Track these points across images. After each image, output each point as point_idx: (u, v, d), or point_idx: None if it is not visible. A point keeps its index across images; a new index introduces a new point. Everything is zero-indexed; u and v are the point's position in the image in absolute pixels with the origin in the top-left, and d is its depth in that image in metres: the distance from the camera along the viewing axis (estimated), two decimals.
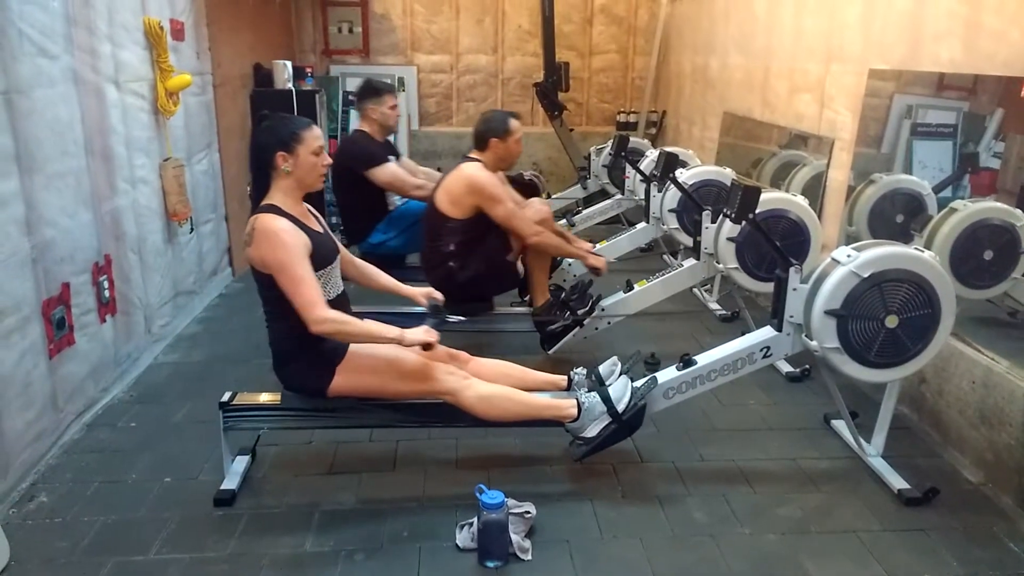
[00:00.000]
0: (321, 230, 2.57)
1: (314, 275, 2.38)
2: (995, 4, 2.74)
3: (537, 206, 3.82)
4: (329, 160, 2.55)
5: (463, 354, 2.80)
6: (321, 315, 2.33)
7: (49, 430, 2.82)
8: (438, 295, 2.79)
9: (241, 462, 2.74)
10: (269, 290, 2.41)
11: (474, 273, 3.56)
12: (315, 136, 2.46)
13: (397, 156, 4.30)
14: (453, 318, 3.35)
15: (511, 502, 2.40)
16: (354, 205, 4.17)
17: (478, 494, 2.30)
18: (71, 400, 2.98)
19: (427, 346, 2.49)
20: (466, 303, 3.61)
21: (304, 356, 2.49)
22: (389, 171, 4.06)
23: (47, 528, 2.44)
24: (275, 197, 2.45)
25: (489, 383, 2.62)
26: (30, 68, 2.74)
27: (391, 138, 4.39)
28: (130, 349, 3.51)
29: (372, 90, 4.17)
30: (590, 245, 4.02)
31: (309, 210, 2.60)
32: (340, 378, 2.49)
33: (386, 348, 2.54)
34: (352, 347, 2.51)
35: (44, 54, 2.84)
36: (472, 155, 3.63)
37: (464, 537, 2.38)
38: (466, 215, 3.53)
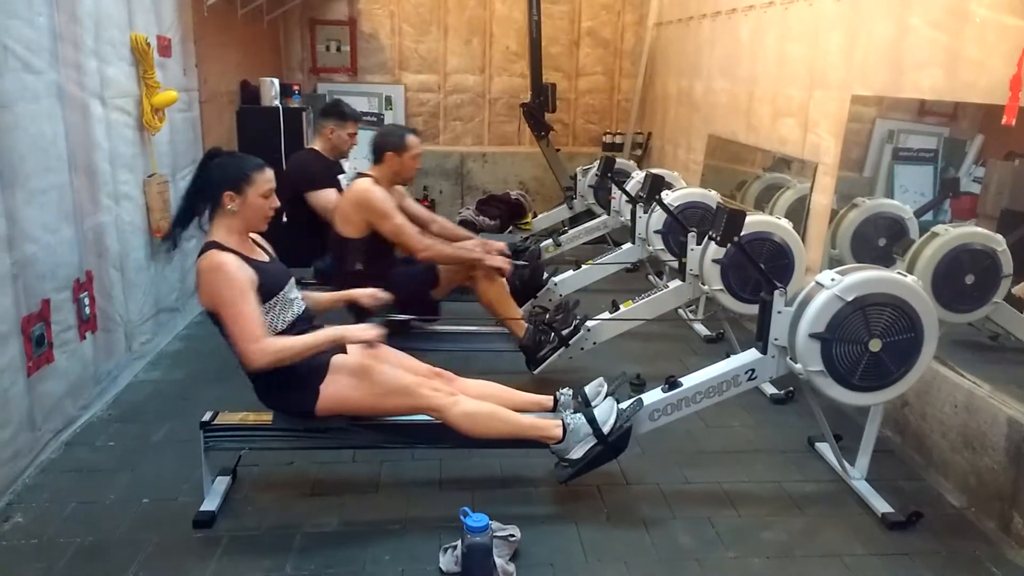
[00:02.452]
0: (267, 258, 2.57)
1: (257, 309, 2.35)
2: (976, 34, 2.79)
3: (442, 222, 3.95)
4: (277, 204, 2.53)
5: (448, 373, 2.79)
6: (260, 346, 2.30)
7: (26, 449, 2.77)
8: (383, 294, 2.78)
9: (221, 483, 2.70)
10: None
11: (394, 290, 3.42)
12: (267, 179, 2.46)
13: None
14: (399, 317, 3.27)
15: (495, 525, 2.38)
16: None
17: (462, 517, 2.28)
18: (49, 418, 2.93)
19: (370, 343, 2.48)
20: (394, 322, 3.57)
21: (285, 380, 2.46)
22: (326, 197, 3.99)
23: (22, 549, 2.39)
24: (217, 233, 2.43)
25: (475, 401, 2.61)
26: (14, 83, 2.72)
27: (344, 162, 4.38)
28: (110, 367, 3.46)
29: (338, 113, 4.16)
30: (476, 241, 3.85)
31: (254, 240, 2.58)
32: (325, 397, 2.47)
33: (367, 364, 2.52)
34: (332, 365, 2.49)
35: (29, 69, 2.82)
36: (366, 172, 3.58)
37: (448, 561, 2.35)
38: (360, 233, 3.46)
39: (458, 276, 3.69)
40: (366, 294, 2.80)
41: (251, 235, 2.57)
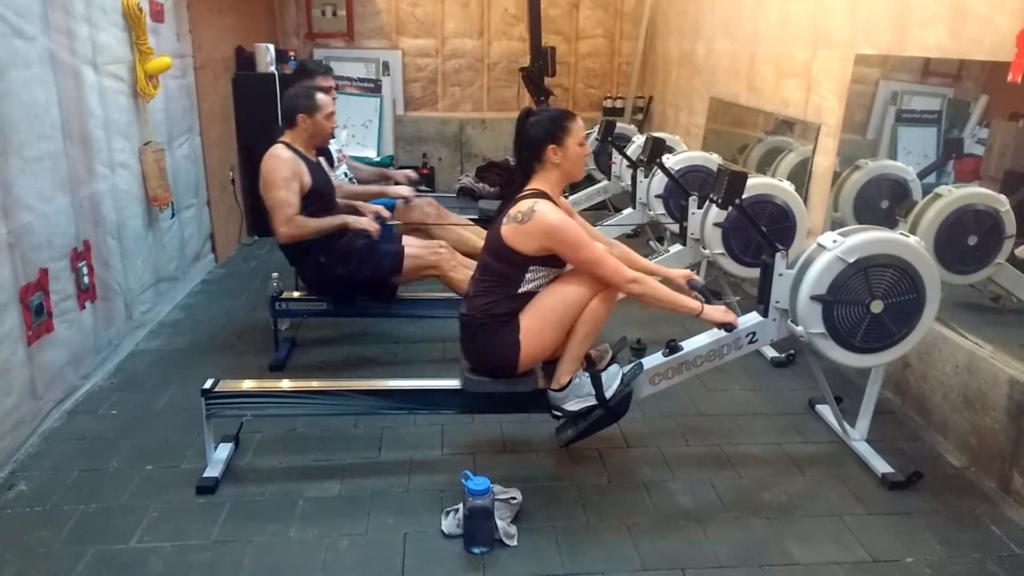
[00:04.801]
0: None
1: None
2: None
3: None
4: (590, 150, 2.60)
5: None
6: (630, 275, 2.46)
7: (28, 418, 2.78)
8: (697, 277, 2.80)
9: (224, 449, 2.71)
10: (509, 267, 2.48)
11: (349, 273, 3.40)
12: (580, 127, 2.56)
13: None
14: (728, 298, 3.42)
15: (497, 488, 2.39)
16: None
17: (464, 480, 2.29)
18: (51, 388, 2.94)
19: (728, 327, 2.56)
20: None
21: (497, 334, 2.50)
22: None
23: (27, 517, 2.41)
24: (542, 185, 2.51)
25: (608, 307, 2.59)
26: (5, 49, 2.68)
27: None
28: (111, 336, 3.46)
29: (305, 71, 4.11)
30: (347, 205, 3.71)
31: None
32: (526, 349, 2.49)
33: (553, 294, 2.51)
34: (523, 317, 2.49)
35: (20, 35, 2.77)
36: (282, 138, 3.42)
37: (450, 523, 2.37)
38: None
39: (425, 270, 3.51)
40: (680, 274, 2.79)
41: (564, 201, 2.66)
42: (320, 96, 3.43)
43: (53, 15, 3.00)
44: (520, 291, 2.51)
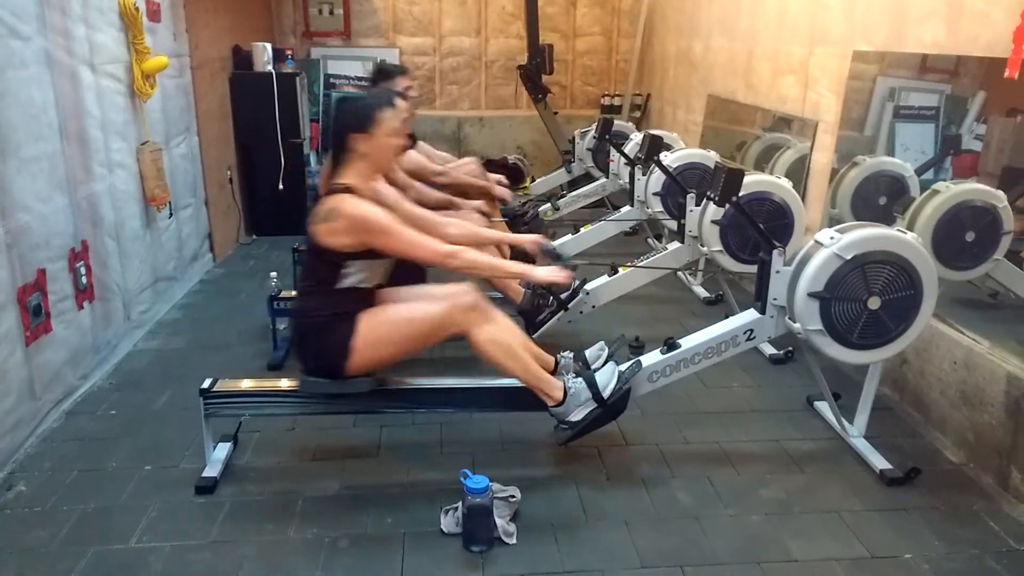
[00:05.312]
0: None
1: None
2: None
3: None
4: (403, 141, 2.56)
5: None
6: (445, 250, 2.40)
7: (27, 418, 2.78)
8: (546, 240, 2.76)
9: (223, 449, 2.71)
10: (328, 264, 2.43)
11: None
12: (393, 117, 2.47)
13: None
14: (572, 261, 3.26)
15: (496, 486, 2.39)
16: None
17: (462, 479, 2.29)
18: (49, 388, 2.94)
19: (558, 286, 2.48)
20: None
21: (325, 334, 2.46)
22: (410, 158, 3.81)
23: (25, 517, 2.41)
24: (349, 177, 2.45)
25: (506, 329, 2.58)
26: (2, 50, 2.68)
27: None
28: (109, 336, 3.46)
29: (384, 73, 4.11)
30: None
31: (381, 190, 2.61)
32: (357, 355, 2.45)
33: (391, 310, 2.50)
34: (365, 320, 2.46)
35: (16, 35, 2.77)
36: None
37: (449, 522, 2.37)
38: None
39: None
40: (529, 239, 2.78)
41: (382, 186, 2.61)
42: (396, 101, 3.31)
43: (49, 15, 3.00)
44: (340, 287, 2.45)
